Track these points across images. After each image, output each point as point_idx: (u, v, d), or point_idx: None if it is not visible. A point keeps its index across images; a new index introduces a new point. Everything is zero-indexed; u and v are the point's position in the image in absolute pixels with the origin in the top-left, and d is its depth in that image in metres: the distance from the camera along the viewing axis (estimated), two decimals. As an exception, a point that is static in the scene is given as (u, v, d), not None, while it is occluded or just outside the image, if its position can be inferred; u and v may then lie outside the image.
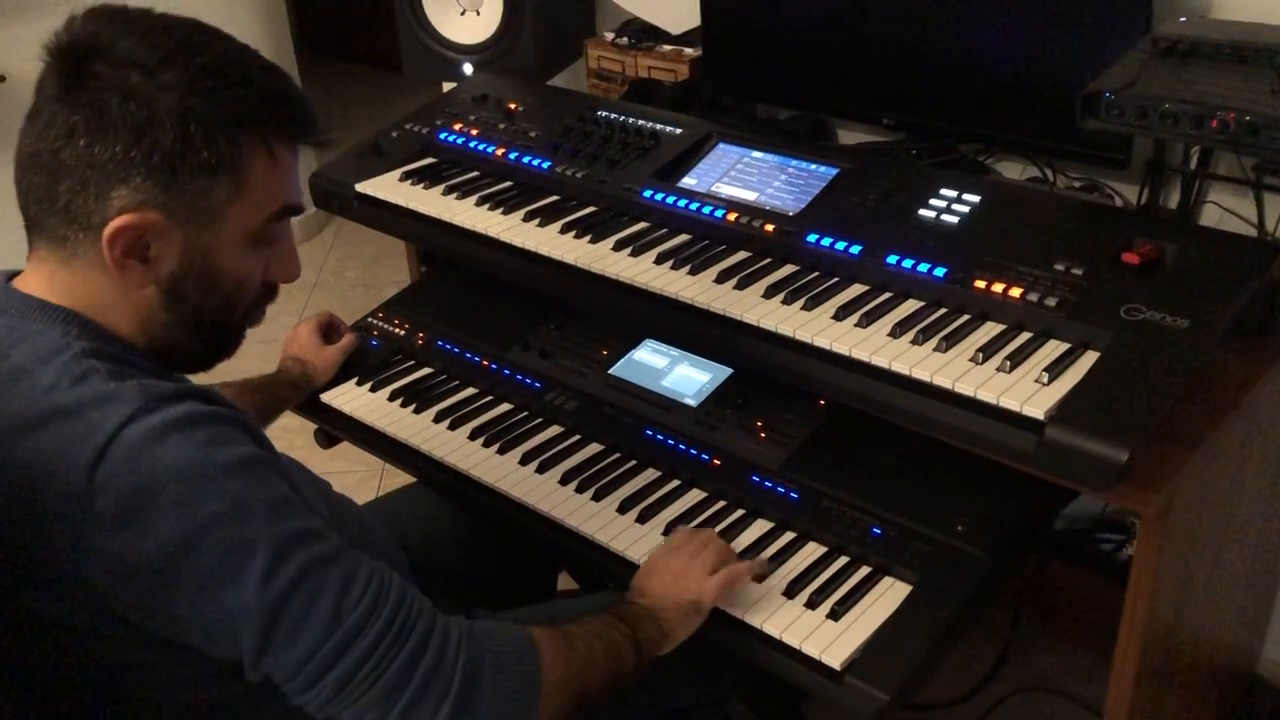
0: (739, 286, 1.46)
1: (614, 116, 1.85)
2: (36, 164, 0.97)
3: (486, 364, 1.73)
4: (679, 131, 1.79)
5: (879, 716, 1.16)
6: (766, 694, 1.74)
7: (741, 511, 1.41)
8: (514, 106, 1.97)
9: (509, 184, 1.81)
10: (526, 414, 1.63)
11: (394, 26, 2.19)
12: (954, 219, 1.47)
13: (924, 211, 1.50)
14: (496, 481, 1.50)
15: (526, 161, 1.82)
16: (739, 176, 1.68)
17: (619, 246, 1.59)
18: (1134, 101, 1.33)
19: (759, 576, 1.29)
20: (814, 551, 1.34)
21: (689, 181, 1.70)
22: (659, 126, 1.81)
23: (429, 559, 1.49)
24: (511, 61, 2.12)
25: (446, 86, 2.31)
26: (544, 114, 1.92)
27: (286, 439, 1.98)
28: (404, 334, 1.84)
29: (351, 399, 1.71)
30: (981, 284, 1.36)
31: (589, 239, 1.61)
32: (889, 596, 1.27)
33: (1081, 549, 1.91)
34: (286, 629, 0.93)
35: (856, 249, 1.47)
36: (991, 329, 1.32)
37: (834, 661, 1.19)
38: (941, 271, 1.40)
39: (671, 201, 1.65)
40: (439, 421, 1.63)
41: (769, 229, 1.55)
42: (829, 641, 1.21)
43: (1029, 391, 1.20)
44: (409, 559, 1.37)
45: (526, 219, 1.69)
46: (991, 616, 1.85)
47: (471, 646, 1.00)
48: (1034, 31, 1.63)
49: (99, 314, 1.00)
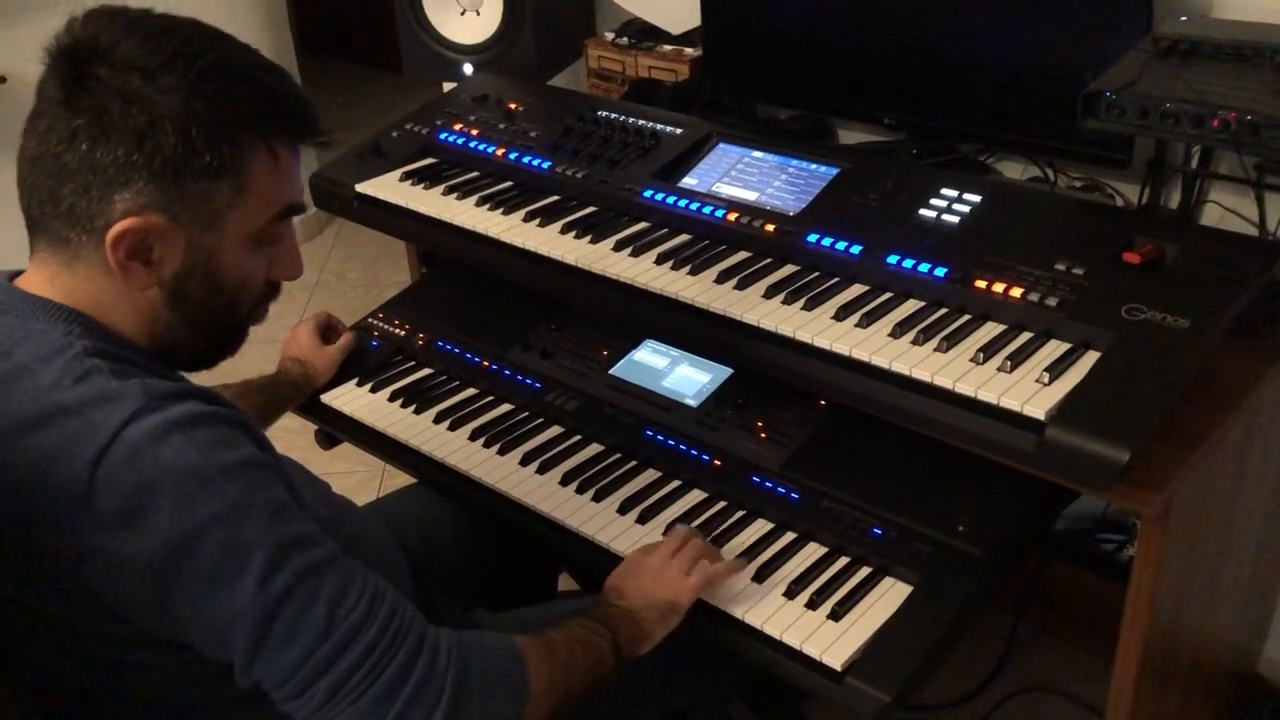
0: (739, 287, 1.46)
1: (614, 116, 1.85)
2: (39, 167, 0.97)
3: (487, 364, 1.73)
4: (679, 131, 1.79)
5: (880, 717, 1.16)
6: (767, 694, 1.74)
7: (742, 512, 1.41)
8: (514, 106, 1.97)
9: (509, 184, 1.81)
10: (527, 414, 1.63)
11: (394, 26, 2.19)
12: (955, 219, 1.47)
13: (925, 211, 1.49)
14: (497, 482, 1.50)
15: (527, 161, 1.82)
16: (739, 176, 1.68)
17: (619, 247, 1.59)
18: (1135, 101, 1.33)
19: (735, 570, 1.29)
20: (815, 552, 1.34)
21: (689, 181, 1.70)
22: (659, 126, 1.81)
23: (429, 560, 1.49)
24: (512, 61, 2.12)
25: (447, 86, 2.31)
26: (544, 114, 1.92)
27: (287, 439, 1.98)
28: (404, 334, 1.83)
29: (352, 400, 1.71)
30: (982, 284, 1.36)
31: (589, 239, 1.61)
32: (890, 597, 1.26)
33: (1083, 549, 1.91)
34: (280, 633, 0.93)
35: (857, 249, 1.47)
36: (992, 329, 1.32)
37: (835, 662, 1.19)
38: (942, 271, 1.40)
39: (672, 201, 1.65)
40: (439, 422, 1.63)
41: (769, 229, 1.55)
42: (830, 642, 1.21)
43: (1030, 391, 1.20)
44: (409, 560, 1.37)
45: (527, 219, 1.69)
46: (992, 617, 1.84)
47: (461, 657, 1.01)
48: (1035, 31, 1.62)
49: (102, 314, 1.00)
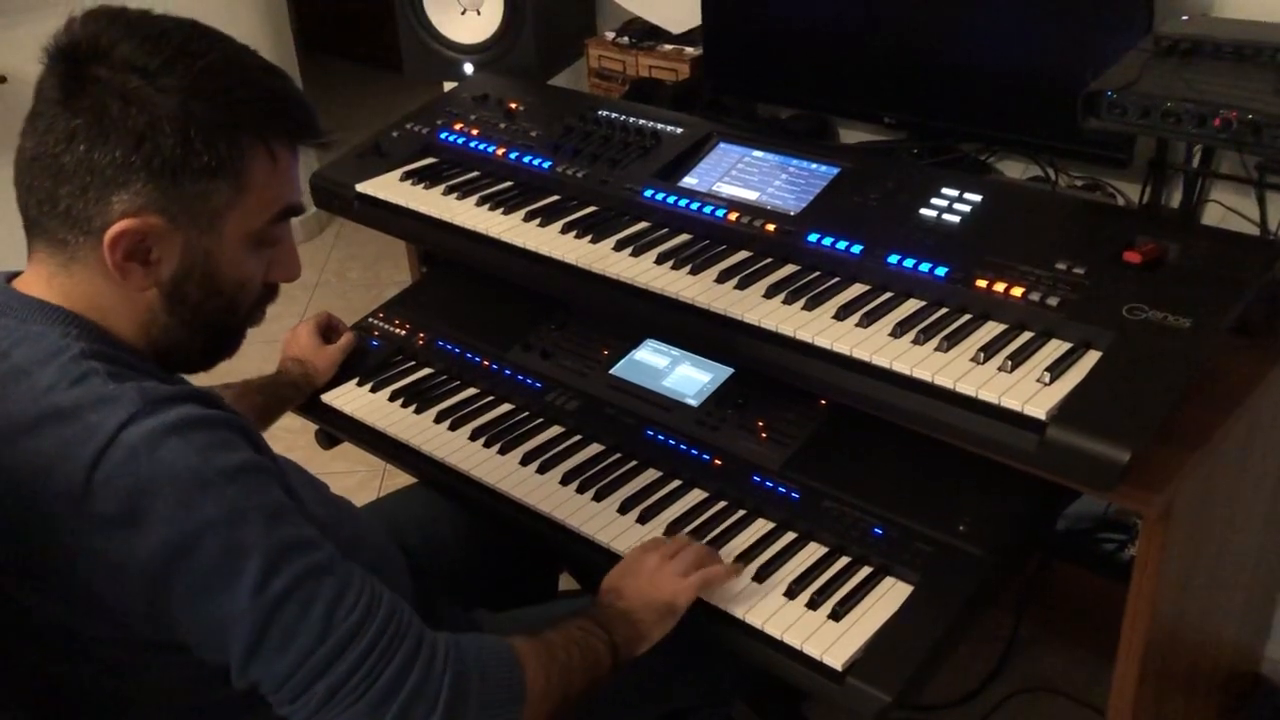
0: (740, 286, 1.46)
1: (615, 116, 1.85)
2: (37, 167, 0.97)
3: (487, 364, 1.73)
4: (680, 131, 1.79)
5: (881, 717, 1.16)
6: (768, 695, 1.74)
7: (742, 512, 1.41)
8: (514, 106, 1.97)
9: (509, 184, 1.80)
10: (527, 414, 1.63)
11: (395, 26, 2.18)
12: (955, 218, 1.47)
13: (925, 211, 1.49)
14: (497, 482, 1.49)
15: (527, 161, 1.82)
16: (740, 176, 1.68)
17: (620, 246, 1.58)
18: (1136, 100, 1.32)
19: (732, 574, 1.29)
20: (815, 552, 1.34)
21: (690, 181, 1.70)
22: (660, 126, 1.81)
23: (430, 559, 1.49)
24: (512, 61, 2.11)
25: (447, 86, 2.31)
26: (545, 114, 1.92)
27: (288, 439, 1.98)
28: (405, 334, 1.83)
29: (352, 399, 1.71)
30: (983, 283, 1.36)
31: (590, 239, 1.61)
32: (890, 597, 1.26)
33: (1084, 549, 1.90)
34: (278, 636, 0.92)
35: (858, 248, 1.47)
36: (993, 328, 1.32)
37: (835, 662, 1.19)
38: (943, 271, 1.39)
39: (672, 201, 1.65)
40: (440, 422, 1.62)
41: (770, 229, 1.55)
42: (830, 642, 1.21)
43: (1030, 391, 1.20)
44: (409, 560, 1.37)
45: (527, 219, 1.69)
46: (993, 617, 1.84)
47: (458, 660, 1.00)
48: (1036, 30, 1.62)
49: (99, 315, 1.00)
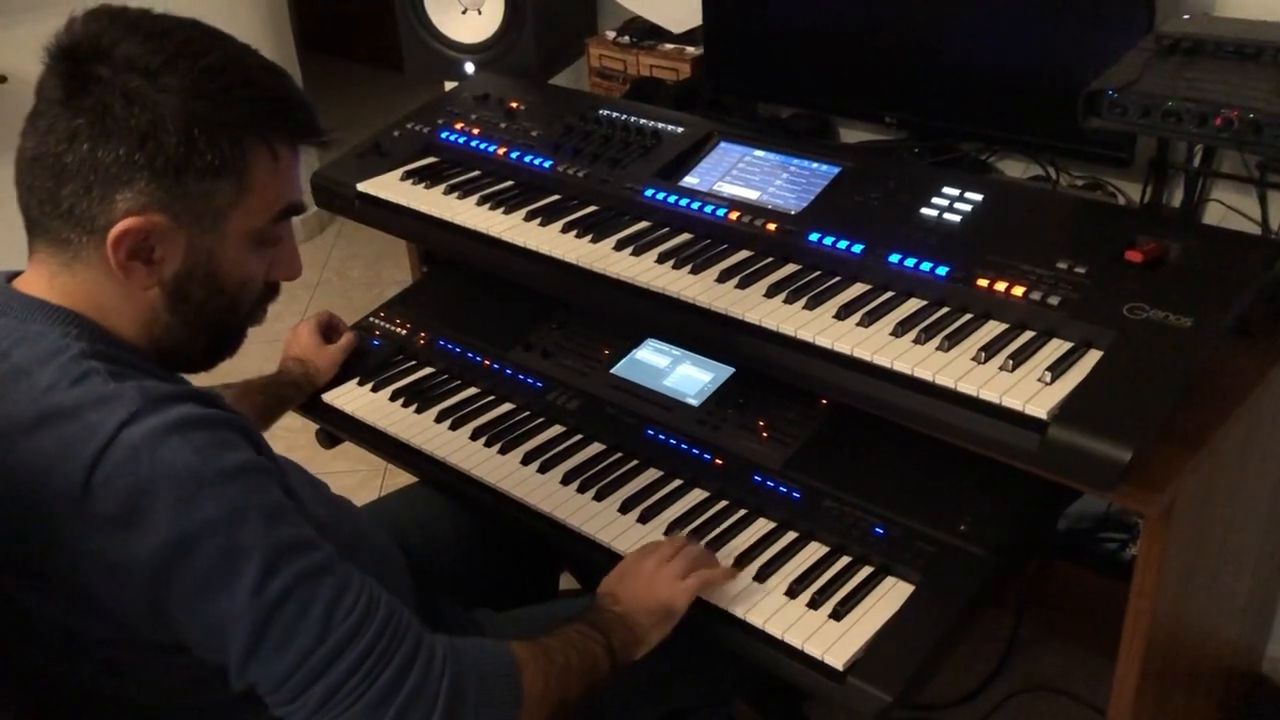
0: (741, 286, 1.46)
1: (615, 115, 1.85)
2: (39, 167, 0.97)
3: (488, 364, 1.73)
4: (681, 130, 1.79)
5: (882, 717, 1.16)
6: (769, 694, 1.74)
7: (743, 511, 1.41)
8: (515, 105, 1.97)
9: (510, 183, 1.80)
10: (528, 414, 1.63)
11: (395, 25, 2.18)
12: (956, 218, 1.47)
13: (926, 210, 1.49)
14: (498, 481, 1.49)
15: (528, 161, 1.81)
16: (741, 175, 1.68)
17: (620, 246, 1.58)
18: (1137, 99, 1.32)
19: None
20: (816, 551, 1.34)
21: (691, 180, 1.70)
22: (661, 125, 1.80)
23: (431, 559, 1.49)
24: (513, 60, 2.11)
25: (448, 85, 2.31)
26: (545, 113, 1.92)
27: (289, 439, 1.98)
28: (405, 334, 1.83)
29: (353, 399, 1.71)
30: (984, 283, 1.36)
31: (590, 238, 1.61)
32: (891, 596, 1.26)
33: (1085, 548, 1.90)
34: (276, 637, 0.92)
35: (858, 248, 1.47)
36: (994, 328, 1.32)
37: (836, 662, 1.19)
38: (944, 270, 1.39)
39: (673, 201, 1.65)
40: (440, 421, 1.62)
41: (771, 228, 1.55)
42: (831, 642, 1.21)
43: (1031, 391, 1.20)
44: (410, 559, 1.37)
45: (528, 218, 1.68)
46: (994, 616, 1.84)
47: (456, 663, 1.00)
48: (1036, 30, 1.62)
49: (101, 315, 1.00)
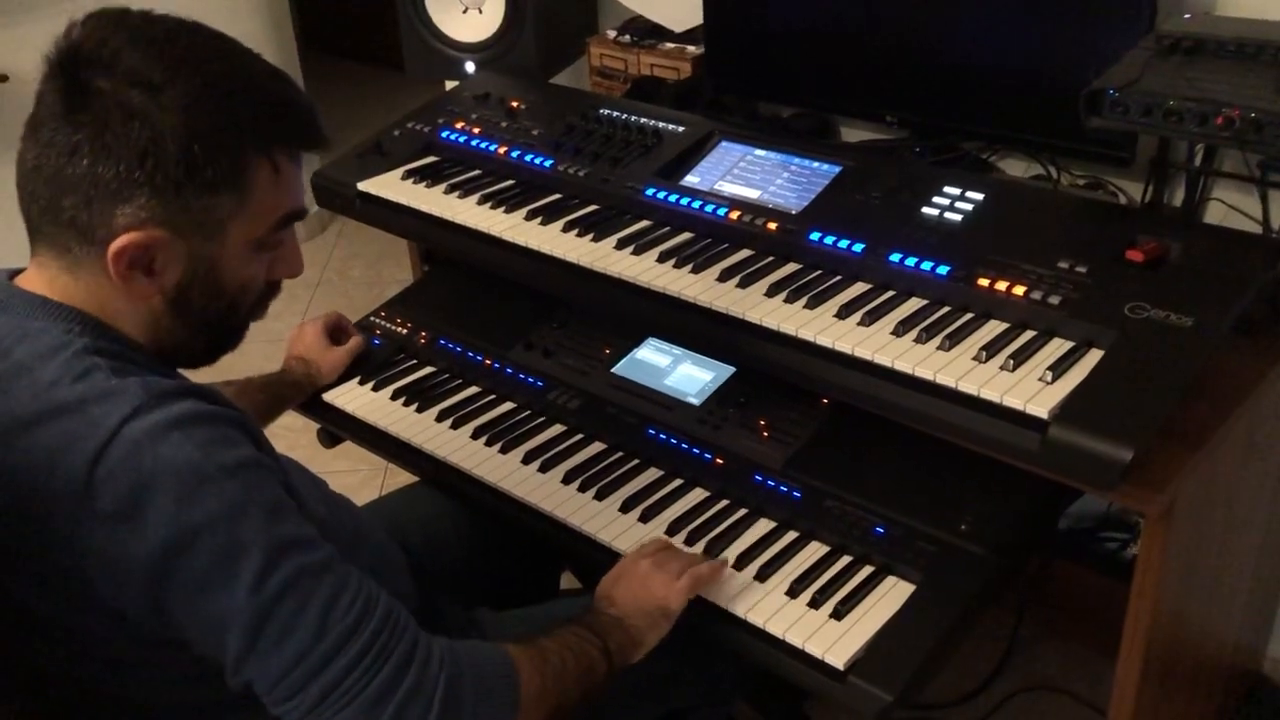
0: (741, 285, 1.46)
1: (616, 115, 1.85)
2: (39, 176, 0.97)
3: (489, 363, 1.73)
4: (681, 130, 1.79)
5: (882, 716, 1.16)
6: (770, 694, 1.74)
7: (744, 511, 1.41)
8: (516, 105, 1.97)
9: (511, 182, 1.80)
10: (529, 413, 1.63)
11: (396, 25, 2.18)
12: (957, 217, 1.47)
13: (927, 209, 1.49)
14: (499, 481, 1.49)
15: (529, 160, 1.81)
16: (741, 175, 1.68)
17: (621, 245, 1.58)
18: (1138, 99, 1.32)
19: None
20: (817, 551, 1.34)
21: (691, 180, 1.70)
22: (661, 125, 1.80)
23: (431, 558, 1.48)
24: (513, 60, 2.11)
25: (449, 85, 2.31)
26: (546, 112, 1.92)
27: (290, 438, 1.99)
28: (406, 333, 1.83)
29: (354, 398, 1.71)
30: (985, 282, 1.36)
31: (591, 237, 1.61)
32: (892, 596, 1.26)
33: (1086, 548, 1.90)
34: (274, 634, 0.92)
35: (859, 247, 1.47)
36: (995, 327, 1.32)
37: (837, 661, 1.19)
38: (945, 270, 1.39)
39: (674, 200, 1.65)
40: (441, 421, 1.62)
41: (771, 227, 1.55)
42: (832, 641, 1.21)
43: (1032, 390, 1.20)
44: (411, 559, 1.37)
45: (528, 217, 1.68)
46: (995, 616, 1.84)
47: (453, 665, 1.00)
48: (1037, 29, 1.62)
49: (102, 313, 1.00)
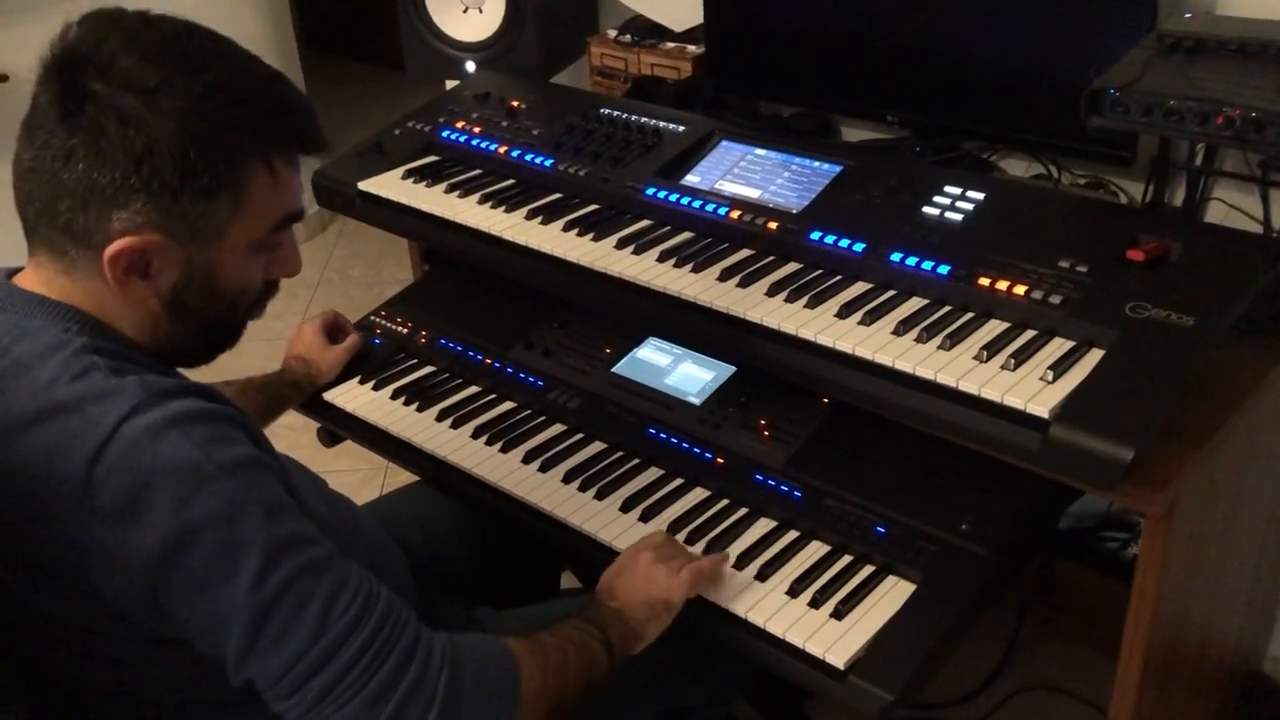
0: (742, 284, 1.46)
1: (617, 114, 1.85)
2: (35, 178, 0.96)
3: (489, 362, 1.73)
4: (682, 129, 1.79)
5: (883, 715, 1.16)
6: (770, 693, 1.74)
7: (744, 510, 1.41)
8: (516, 104, 1.97)
9: (511, 182, 1.80)
10: (529, 412, 1.63)
11: (396, 24, 2.18)
12: (958, 216, 1.47)
13: (928, 209, 1.49)
14: (499, 480, 1.49)
15: (529, 159, 1.81)
16: (742, 174, 1.68)
17: (622, 244, 1.58)
18: (1139, 98, 1.32)
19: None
20: (817, 550, 1.34)
21: (692, 179, 1.70)
22: (662, 124, 1.80)
23: (432, 558, 1.49)
24: (514, 59, 2.11)
25: (449, 84, 2.31)
26: (546, 112, 1.92)
27: (290, 437, 1.98)
28: (407, 332, 1.83)
29: (354, 397, 1.71)
30: (985, 281, 1.36)
31: (591, 237, 1.60)
32: (893, 595, 1.26)
33: (1086, 547, 1.90)
34: (274, 632, 0.92)
35: (860, 246, 1.47)
36: (996, 327, 1.32)
37: (838, 661, 1.19)
38: (945, 269, 1.39)
39: (674, 199, 1.65)
40: (441, 420, 1.62)
41: (772, 227, 1.55)
42: (833, 641, 1.20)
43: (1033, 390, 1.19)
44: (411, 558, 1.37)
45: (529, 217, 1.68)
46: (995, 615, 1.84)
47: (454, 659, 1.00)
48: (1038, 28, 1.62)
49: (100, 313, 1.00)
